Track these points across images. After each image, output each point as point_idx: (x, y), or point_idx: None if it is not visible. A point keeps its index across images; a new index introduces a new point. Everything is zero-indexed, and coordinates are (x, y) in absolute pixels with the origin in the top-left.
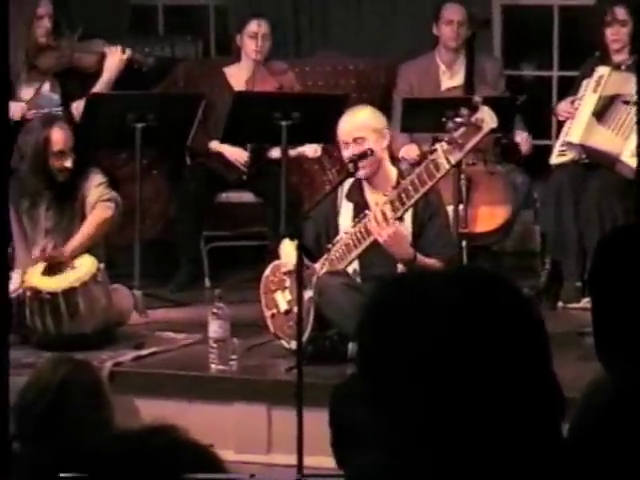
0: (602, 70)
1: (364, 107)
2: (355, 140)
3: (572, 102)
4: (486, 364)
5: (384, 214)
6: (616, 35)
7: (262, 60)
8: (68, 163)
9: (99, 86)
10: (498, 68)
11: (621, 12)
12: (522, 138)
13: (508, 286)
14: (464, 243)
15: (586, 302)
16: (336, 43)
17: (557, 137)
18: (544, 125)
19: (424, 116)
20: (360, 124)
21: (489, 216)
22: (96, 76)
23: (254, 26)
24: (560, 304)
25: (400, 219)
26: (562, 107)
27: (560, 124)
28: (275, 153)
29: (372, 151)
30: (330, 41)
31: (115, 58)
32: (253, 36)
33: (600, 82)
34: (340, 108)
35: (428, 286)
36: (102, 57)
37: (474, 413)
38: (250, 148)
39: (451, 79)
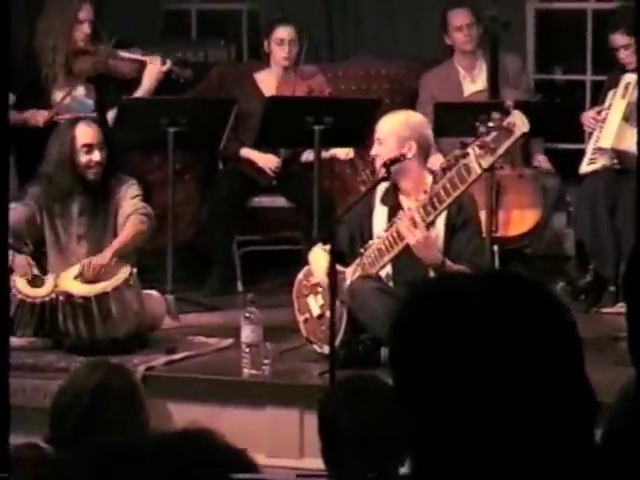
0: (629, 77)
1: (403, 113)
2: (378, 139)
3: (598, 112)
4: (519, 367)
5: (414, 218)
6: (626, 58)
7: (291, 66)
8: (97, 157)
9: (137, 95)
10: (519, 64)
11: (619, 38)
12: (542, 163)
13: (541, 289)
14: (496, 247)
15: (620, 306)
16: (369, 48)
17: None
18: (577, 129)
19: (456, 120)
20: (386, 126)
21: (519, 219)
22: (132, 83)
23: (281, 33)
24: (594, 308)
25: (432, 223)
26: (588, 116)
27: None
28: (308, 156)
29: (404, 156)
30: (363, 46)
31: (155, 69)
32: (280, 43)
33: (628, 88)
34: (372, 112)
35: (461, 290)
36: (140, 65)
37: (506, 416)
38: (283, 155)
39: (473, 83)
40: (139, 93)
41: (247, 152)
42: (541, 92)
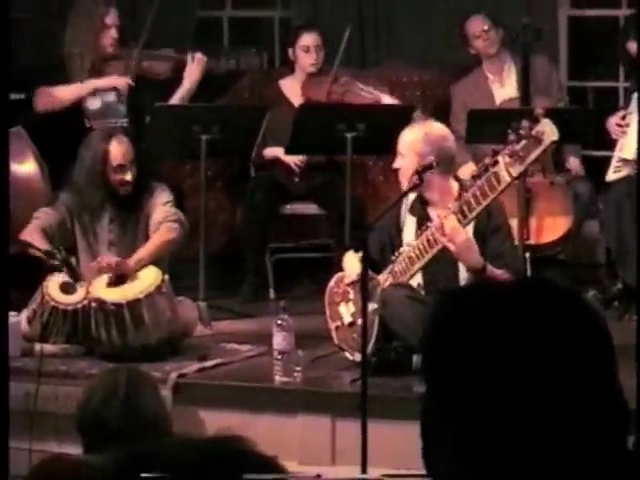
0: None
1: (423, 127)
2: (400, 153)
3: (623, 117)
4: (552, 375)
5: (452, 221)
6: None
7: (317, 71)
8: (128, 177)
9: (180, 95)
10: (547, 65)
11: (631, 45)
12: (573, 165)
13: (575, 298)
14: (527, 254)
15: None
16: (401, 54)
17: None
18: (609, 136)
19: (488, 128)
20: (406, 141)
21: (551, 227)
22: (167, 84)
23: (306, 39)
24: (627, 315)
25: None
26: (613, 122)
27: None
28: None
29: (438, 163)
30: (395, 52)
31: (198, 66)
32: (306, 49)
33: None
34: (405, 119)
35: (493, 298)
36: (175, 64)
37: (539, 426)
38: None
39: (502, 88)
40: (181, 92)
41: (271, 150)
42: (574, 99)
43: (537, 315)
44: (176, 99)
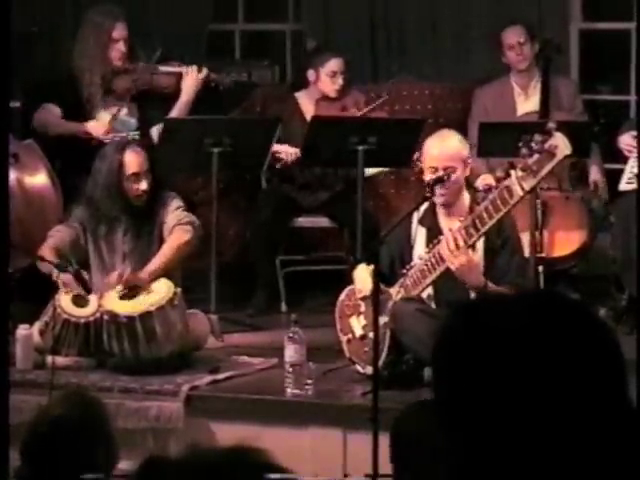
0: None
1: (453, 133)
2: (445, 169)
3: (635, 136)
4: (562, 388)
5: (456, 241)
6: None
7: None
8: (144, 185)
9: (178, 107)
10: (573, 89)
11: None
12: (595, 176)
13: (585, 311)
14: (540, 268)
15: None
16: (413, 68)
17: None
18: (620, 152)
19: (501, 140)
20: (453, 153)
21: (565, 241)
22: (173, 97)
23: (333, 65)
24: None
25: (473, 246)
26: (625, 140)
27: None
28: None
29: (449, 177)
30: (407, 66)
31: (192, 78)
32: (333, 75)
33: None
34: (416, 133)
35: (504, 311)
36: (179, 78)
37: (549, 436)
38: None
39: (527, 101)
40: (179, 105)
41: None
42: (587, 112)
43: (547, 327)
44: (174, 113)
